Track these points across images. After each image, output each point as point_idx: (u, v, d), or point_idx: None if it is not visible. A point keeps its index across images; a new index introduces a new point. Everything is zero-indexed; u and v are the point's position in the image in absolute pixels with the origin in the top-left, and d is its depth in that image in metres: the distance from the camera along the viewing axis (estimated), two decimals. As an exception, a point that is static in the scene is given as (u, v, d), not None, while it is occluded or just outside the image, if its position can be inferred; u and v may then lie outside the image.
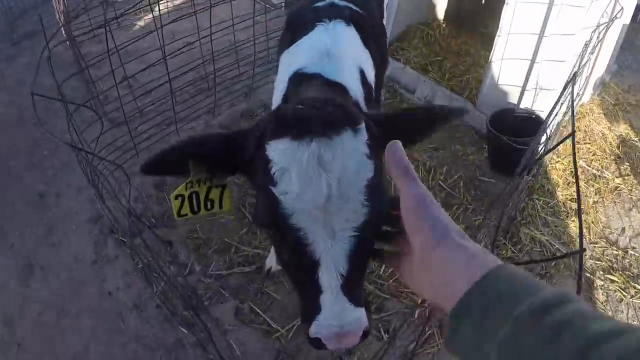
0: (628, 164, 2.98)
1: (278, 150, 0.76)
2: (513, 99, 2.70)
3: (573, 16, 2.39)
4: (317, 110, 0.79)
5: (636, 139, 3.23)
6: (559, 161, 2.88)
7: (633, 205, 2.73)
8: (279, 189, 0.74)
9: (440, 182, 2.55)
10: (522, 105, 2.65)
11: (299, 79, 1.30)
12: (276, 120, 0.80)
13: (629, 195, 2.77)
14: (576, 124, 3.19)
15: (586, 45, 1.61)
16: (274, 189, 0.74)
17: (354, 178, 0.74)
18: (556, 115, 1.82)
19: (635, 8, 3.78)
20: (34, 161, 2.83)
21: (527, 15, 2.48)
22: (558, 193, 2.68)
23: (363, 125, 0.79)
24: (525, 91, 2.62)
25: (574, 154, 0.78)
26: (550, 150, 2.26)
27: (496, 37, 2.61)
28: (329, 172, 0.72)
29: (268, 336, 1.84)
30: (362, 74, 1.40)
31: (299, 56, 1.39)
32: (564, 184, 2.74)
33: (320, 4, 1.58)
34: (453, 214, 2.41)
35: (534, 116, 2.55)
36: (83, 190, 2.53)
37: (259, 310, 1.90)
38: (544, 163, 2.76)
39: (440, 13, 3.78)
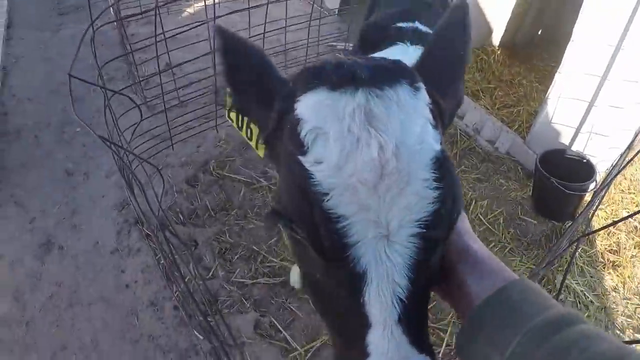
0: (673, 218, 2.86)
1: (310, 105, 0.55)
2: (565, 139, 2.58)
3: (636, 62, 2.28)
4: (365, 60, 0.60)
5: (684, 190, 3.09)
6: (601, 209, 2.75)
7: None
8: (309, 157, 0.52)
9: (480, 216, 2.44)
10: (574, 148, 2.54)
11: None
12: (310, 70, 0.60)
13: (671, 253, 2.64)
14: (622, 173, 3.06)
15: None
16: (303, 158, 0.52)
17: (418, 147, 0.52)
18: (606, 185, 1.72)
19: None
20: (65, 137, 2.81)
21: (592, 55, 2.37)
22: (597, 243, 2.57)
23: (423, 86, 0.59)
24: (579, 134, 2.51)
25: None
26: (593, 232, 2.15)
27: (556, 74, 2.50)
28: (383, 133, 0.51)
29: (286, 355, 1.75)
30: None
31: None
32: (604, 234, 2.62)
33: (403, 24, 1.46)
34: (490, 250, 2.31)
35: (585, 160, 2.43)
36: (112, 175, 2.48)
37: (279, 326, 1.81)
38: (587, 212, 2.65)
39: (496, 39, 3.68)
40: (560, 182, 2.12)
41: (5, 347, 1.87)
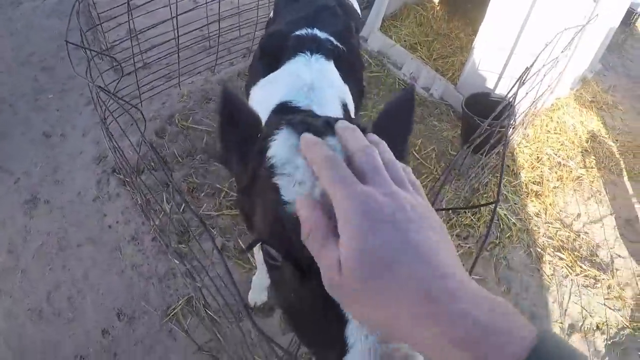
0: (594, 157, 3.22)
1: (277, 143, 0.62)
2: (490, 84, 2.92)
3: (552, 15, 2.60)
4: (316, 117, 0.69)
5: (606, 136, 3.46)
6: (527, 146, 3.12)
7: (592, 195, 2.98)
8: (279, 177, 0.58)
9: (414, 152, 2.80)
10: (497, 91, 2.88)
11: (285, 111, 1.21)
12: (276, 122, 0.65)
13: (590, 186, 3.01)
14: (550, 115, 3.42)
15: (546, 45, 1.83)
16: (273, 179, 0.58)
17: None
18: (520, 101, 2.05)
19: (627, 12, 3.98)
20: (39, 104, 2.99)
21: (512, 8, 2.69)
22: (522, 175, 2.93)
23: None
24: (502, 78, 2.85)
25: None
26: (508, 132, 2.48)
27: (481, 25, 2.82)
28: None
29: (249, 270, 2.10)
30: (345, 107, 1.40)
31: (281, 88, 1.32)
32: (528, 167, 2.98)
33: (301, 32, 1.51)
34: (422, 181, 2.67)
35: (509, 103, 2.78)
36: (88, 133, 2.72)
37: (243, 246, 2.16)
38: (512, 146, 3.00)
39: (436, -5, 3.95)
40: (481, 120, 2.46)
41: (4, 294, 2.11)
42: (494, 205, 1.02)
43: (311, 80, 1.29)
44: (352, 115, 1.46)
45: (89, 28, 2.26)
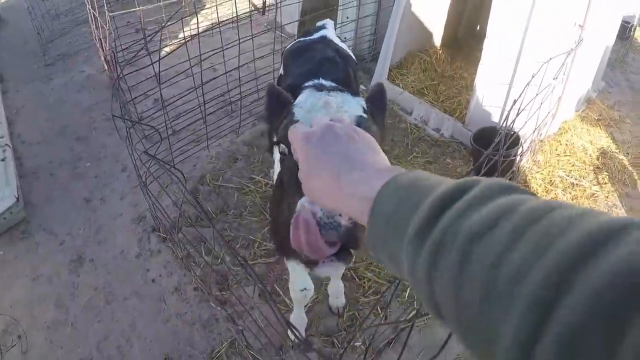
0: (607, 173, 3.27)
1: (302, 95, 1.16)
2: (495, 118, 3.10)
3: (543, 46, 2.79)
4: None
5: (617, 150, 3.51)
6: (538, 171, 3.23)
7: (608, 209, 3.00)
8: (296, 108, 1.10)
9: (431, 191, 2.93)
10: (504, 124, 3.04)
11: None
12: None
13: (605, 201, 3.07)
14: (558, 139, 3.53)
15: (533, 76, 2.01)
16: (293, 109, 1.11)
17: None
18: (519, 130, 2.20)
19: (622, 26, 4.09)
20: (77, 171, 3.24)
21: (505, 44, 2.89)
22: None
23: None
24: (505, 112, 3.02)
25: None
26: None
27: (479, 64, 3.03)
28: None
29: (286, 312, 2.23)
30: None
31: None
32: (542, 192, 3.07)
33: (309, 83, 1.60)
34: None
35: (513, 133, 2.94)
36: (125, 196, 2.94)
37: (279, 291, 2.30)
38: (523, 172, 3.13)
39: (437, 40, 4.19)
40: (491, 152, 2.61)
41: (55, 345, 2.26)
42: None
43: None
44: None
45: (123, 101, 2.50)
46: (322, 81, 1.70)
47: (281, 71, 2.33)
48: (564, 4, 2.70)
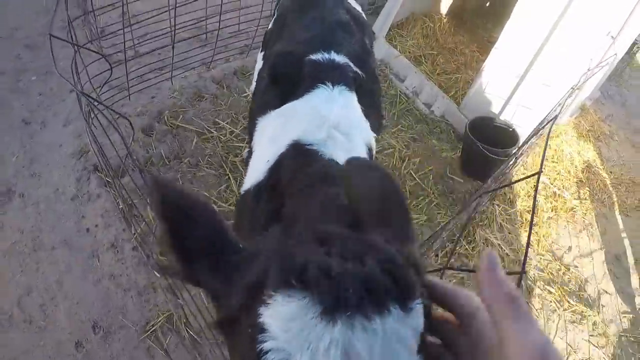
0: (588, 189, 3.22)
1: (279, 317, 0.44)
2: (495, 108, 2.86)
3: (568, 46, 2.54)
4: (352, 263, 0.47)
5: (601, 167, 3.48)
6: (524, 173, 3.08)
7: (584, 228, 2.97)
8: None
9: (411, 172, 2.72)
10: (502, 117, 2.82)
11: (303, 155, 1.06)
12: (286, 263, 0.47)
13: (582, 218, 3.01)
14: (548, 142, 3.39)
15: (572, 89, 1.76)
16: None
17: None
18: (530, 137, 1.98)
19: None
20: (20, 86, 2.80)
21: (529, 34, 2.61)
22: (517, 203, 2.89)
23: (419, 299, 0.47)
24: (508, 104, 2.78)
25: (536, 192, 0.90)
26: (514, 182, 2.43)
27: (493, 48, 2.74)
28: None
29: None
30: (370, 151, 1.26)
31: (299, 124, 1.16)
32: (524, 196, 2.95)
33: (317, 57, 1.33)
34: (418, 204, 2.60)
35: (510, 129, 2.72)
36: (70, 123, 2.55)
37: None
38: (510, 173, 2.96)
39: (444, 6, 3.87)
40: (486, 147, 2.39)
41: None
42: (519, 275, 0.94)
43: (335, 120, 1.14)
44: (374, 155, 1.32)
45: (80, 13, 2.07)
46: (335, 56, 1.33)
47: (271, 25, 1.84)
48: (601, 11, 2.44)
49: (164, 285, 1.93)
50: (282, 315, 0.43)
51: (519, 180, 1.84)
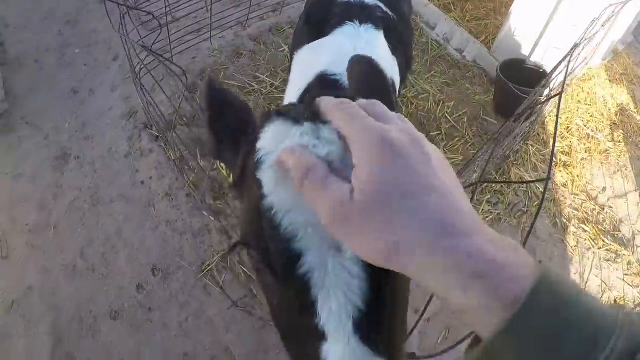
0: (622, 131, 3.18)
1: (268, 134, 0.54)
2: (526, 51, 2.86)
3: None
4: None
5: (635, 110, 3.42)
6: (553, 112, 3.08)
7: (618, 170, 2.95)
8: (264, 172, 0.51)
9: (447, 115, 2.78)
10: (532, 59, 2.82)
11: (326, 84, 1.16)
12: (272, 111, 0.58)
13: (617, 160, 2.99)
14: (581, 86, 3.36)
15: (594, 20, 1.77)
16: (258, 173, 0.52)
17: None
18: (559, 73, 2.00)
19: None
20: (65, 59, 2.96)
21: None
22: (551, 143, 2.90)
23: None
24: (538, 46, 2.78)
25: (559, 111, 0.95)
26: (544, 102, 2.45)
27: (520, -10, 2.74)
28: (329, 143, 0.48)
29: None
30: (393, 84, 1.34)
31: (325, 58, 1.25)
32: (558, 137, 2.95)
33: None
34: (454, 145, 2.66)
35: (541, 70, 2.72)
36: (117, 88, 2.69)
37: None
38: (543, 115, 2.96)
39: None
40: (517, 87, 2.41)
41: (38, 250, 2.12)
42: (544, 182, 1.00)
43: (358, 52, 1.21)
44: (397, 90, 1.42)
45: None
46: None
47: None
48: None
49: (217, 227, 2.07)
50: (267, 136, 0.53)
51: (547, 100, 1.85)
